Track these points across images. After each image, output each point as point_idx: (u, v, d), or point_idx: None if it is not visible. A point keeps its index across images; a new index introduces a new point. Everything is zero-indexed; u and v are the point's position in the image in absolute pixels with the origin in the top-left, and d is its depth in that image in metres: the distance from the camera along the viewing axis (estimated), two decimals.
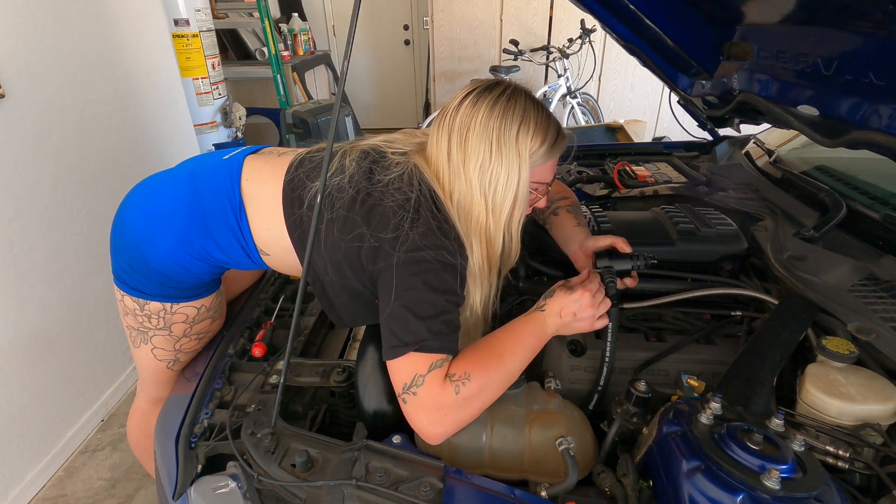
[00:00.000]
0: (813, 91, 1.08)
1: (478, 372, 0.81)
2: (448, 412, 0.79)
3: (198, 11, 2.46)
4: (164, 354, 1.13)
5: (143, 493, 1.81)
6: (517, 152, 0.88)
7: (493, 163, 0.87)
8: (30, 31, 1.73)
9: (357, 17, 0.71)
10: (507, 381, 0.84)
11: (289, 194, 0.97)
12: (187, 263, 1.03)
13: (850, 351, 0.81)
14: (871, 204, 1.20)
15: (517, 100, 0.89)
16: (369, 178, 0.93)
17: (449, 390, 0.79)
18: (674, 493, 0.67)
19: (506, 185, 0.88)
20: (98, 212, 2.04)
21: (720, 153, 1.76)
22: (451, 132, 0.90)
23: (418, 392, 0.79)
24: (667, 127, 4.16)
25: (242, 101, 3.50)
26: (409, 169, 0.92)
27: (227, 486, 0.78)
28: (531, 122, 0.88)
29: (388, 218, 0.87)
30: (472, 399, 0.80)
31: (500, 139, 0.87)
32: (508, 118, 0.87)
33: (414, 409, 0.79)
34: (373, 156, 0.97)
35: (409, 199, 0.87)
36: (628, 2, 1.29)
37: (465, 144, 0.88)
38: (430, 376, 0.79)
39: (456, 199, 0.90)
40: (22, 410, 1.74)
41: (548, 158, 0.93)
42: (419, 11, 5.20)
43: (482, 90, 0.90)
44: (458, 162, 0.89)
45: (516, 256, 1.00)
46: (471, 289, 0.93)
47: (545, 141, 0.90)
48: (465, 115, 0.89)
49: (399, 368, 0.81)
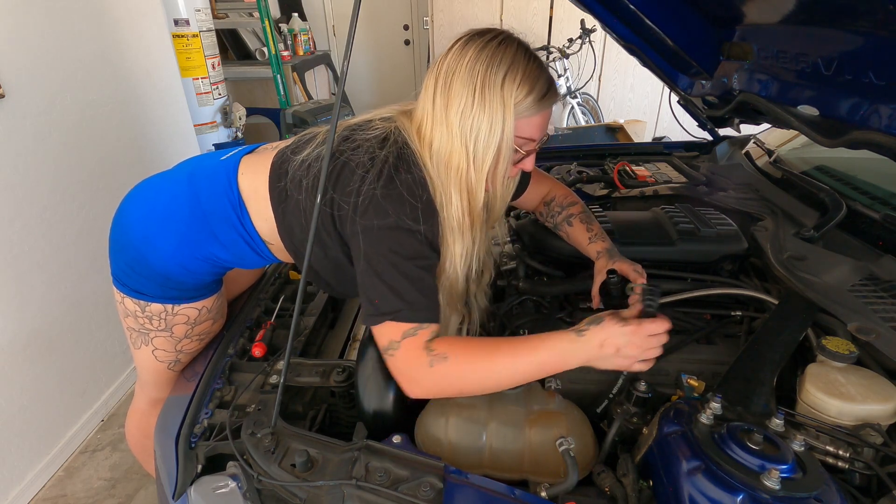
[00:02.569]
0: (813, 91, 1.08)
1: (458, 358, 0.79)
2: (421, 381, 0.81)
3: (198, 11, 2.46)
4: (164, 355, 1.13)
5: (143, 493, 1.81)
6: (501, 100, 0.83)
7: (475, 109, 0.83)
8: (30, 31, 1.73)
9: (357, 17, 0.71)
10: (488, 382, 0.81)
11: (276, 169, 0.98)
12: (189, 264, 1.03)
13: (850, 351, 0.81)
14: (871, 204, 1.20)
15: (507, 46, 0.85)
16: (346, 139, 0.91)
17: (423, 361, 0.79)
18: (674, 493, 0.67)
19: (488, 134, 0.84)
20: (98, 212, 2.04)
21: (720, 153, 1.76)
22: (438, 77, 0.86)
23: (395, 355, 0.81)
24: (667, 127, 4.15)
25: (242, 101, 3.50)
26: (388, 130, 0.89)
27: (227, 486, 0.78)
28: (519, 70, 0.84)
29: (350, 178, 0.85)
30: (445, 379, 0.80)
31: (485, 84, 0.83)
32: (496, 63, 0.83)
33: (392, 368, 0.83)
34: (356, 124, 0.95)
35: (375, 158, 0.85)
36: (628, 2, 1.29)
37: (448, 89, 0.85)
38: (404, 343, 0.80)
39: (435, 147, 0.86)
40: (22, 410, 1.74)
41: (535, 111, 0.87)
42: (419, 11, 5.19)
43: (473, 34, 0.87)
44: (441, 107, 0.86)
45: (501, 211, 0.97)
46: (449, 242, 0.89)
47: (532, 91, 0.85)
48: (453, 59, 0.85)
49: (378, 333, 0.84)
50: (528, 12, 4.08)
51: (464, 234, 0.90)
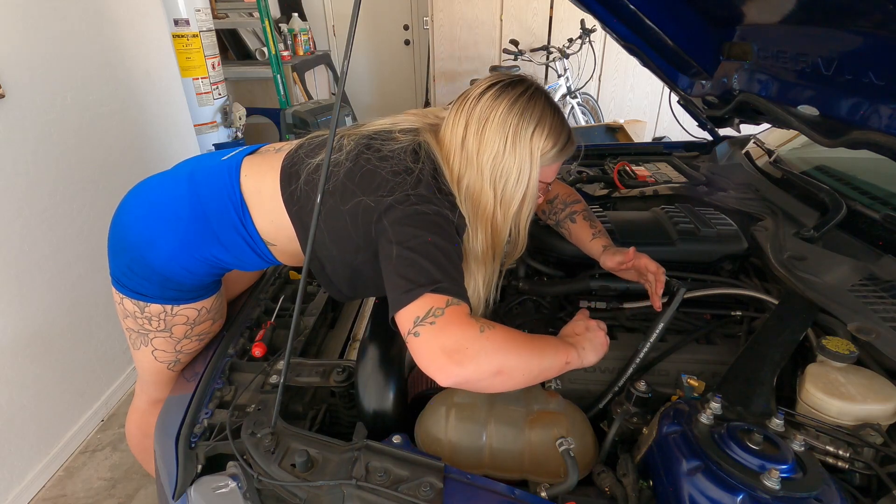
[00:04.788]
0: (813, 91, 1.08)
1: (504, 329, 0.78)
2: (468, 349, 0.72)
3: (198, 11, 2.46)
4: (164, 356, 1.13)
5: (143, 493, 1.81)
6: (530, 150, 0.90)
7: (506, 156, 0.90)
8: (30, 31, 1.73)
9: (357, 17, 0.71)
10: (530, 364, 0.78)
11: (287, 170, 0.98)
12: (189, 265, 1.03)
13: (850, 351, 0.81)
14: (871, 204, 1.20)
15: (537, 100, 0.92)
16: (368, 147, 0.94)
17: (474, 326, 0.74)
18: (674, 493, 0.67)
19: (517, 181, 0.91)
20: (98, 212, 2.04)
21: (720, 153, 1.76)
22: (470, 120, 0.92)
23: (437, 321, 0.73)
24: (667, 127, 4.15)
25: (242, 101, 3.50)
26: (416, 143, 0.93)
27: (227, 486, 0.78)
28: (547, 125, 0.92)
29: (384, 184, 0.87)
30: (494, 347, 0.74)
31: (516, 135, 0.90)
32: (527, 117, 0.90)
33: (430, 337, 0.73)
34: (374, 133, 0.98)
35: (411, 171, 0.88)
36: (628, 2, 1.29)
37: (481, 134, 0.91)
38: (449, 310, 0.74)
39: (465, 184, 0.92)
40: (22, 410, 1.74)
41: (555, 161, 0.96)
42: (419, 11, 5.19)
43: (505, 85, 0.93)
44: (473, 150, 0.91)
45: (522, 250, 1.01)
46: (473, 269, 0.95)
47: (556, 144, 0.93)
48: (486, 105, 0.91)
49: (412, 308, 0.75)
50: (528, 12, 4.08)
51: (486, 266, 0.96)
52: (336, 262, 0.97)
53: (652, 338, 0.94)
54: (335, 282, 1.01)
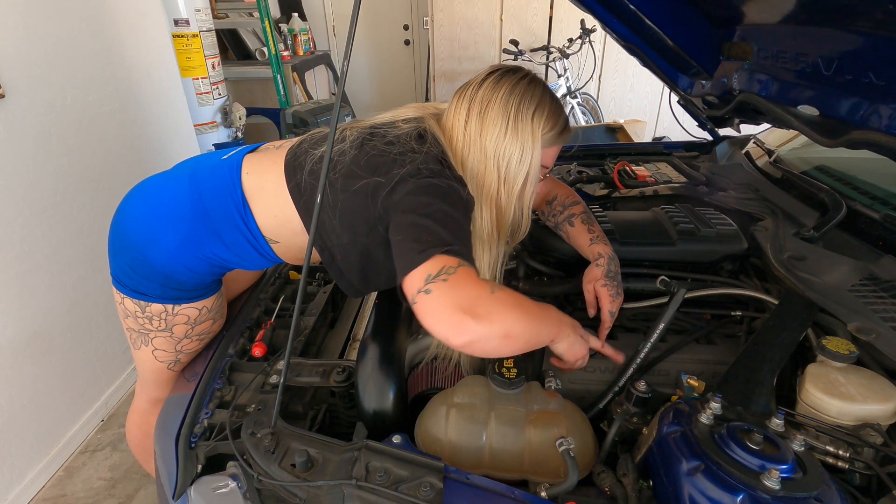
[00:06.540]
0: (813, 91, 1.08)
1: (510, 291, 0.80)
2: (479, 308, 0.72)
3: (198, 11, 2.46)
4: (165, 356, 1.13)
5: (143, 493, 1.81)
6: (531, 131, 0.93)
7: (508, 136, 0.92)
8: (30, 31, 1.73)
9: (357, 17, 0.71)
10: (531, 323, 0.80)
11: (291, 164, 0.99)
12: (191, 264, 1.03)
13: (850, 351, 0.81)
14: (871, 204, 1.20)
15: (536, 86, 0.96)
16: (372, 135, 0.95)
17: (485, 286, 0.75)
18: (674, 493, 0.67)
19: (520, 160, 0.93)
20: (98, 212, 2.04)
21: (720, 153, 1.76)
22: (472, 104, 0.94)
23: (449, 279, 0.72)
24: (667, 127, 4.15)
25: (242, 101, 3.50)
26: (421, 128, 0.95)
27: (227, 486, 0.78)
28: (546, 107, 0.95)
29: (393, 163, 0.88)
30: (504, 308, 0.75)
31: (518, 116, 0.92)
32: (527, 99, 0.93)
33: (442, 293, 0.72)
34: (376, 125, 0.99)
35: (416, 151, 0.89)
36: (628, 2, 1.29)
37: (483, 116, 0.93)
38: (461, 268, 0.74)
39: (469, 166, 0.94)
40: (22, 410, 1.74)
41: (554, 143, 0.99)
42: (419, 11, 5.19)
43: (506, 71, 0.96)
44: (475, 132, 0.93)
45: (525, 230, 1.03)
46: (479, 252, 0.96)
47: (556, 126, 0.96)
48: (488, 90, 0.94)
49: (423, 268, 0.74)
50: (528, 12, 4.08)
51: (491, 247, 0.98)
52: (347, 249, 0.96)
53: (652, 338, 0.94)
54: (346, 273, 1.01)
